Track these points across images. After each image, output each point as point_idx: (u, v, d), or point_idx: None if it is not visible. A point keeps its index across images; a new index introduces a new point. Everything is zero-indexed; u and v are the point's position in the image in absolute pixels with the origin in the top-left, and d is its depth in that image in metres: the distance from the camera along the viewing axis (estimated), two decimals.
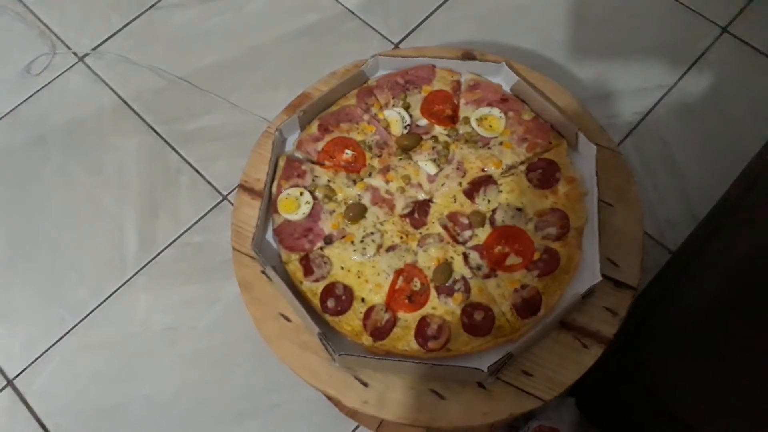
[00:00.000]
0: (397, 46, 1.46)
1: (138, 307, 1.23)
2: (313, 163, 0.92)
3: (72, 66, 1.46)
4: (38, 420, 1.14)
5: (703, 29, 1.46)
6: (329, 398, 1.07)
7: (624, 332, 0.83)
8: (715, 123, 1.36)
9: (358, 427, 1.11)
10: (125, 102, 1.42)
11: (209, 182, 1.34)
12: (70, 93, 1.43)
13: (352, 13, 1.51)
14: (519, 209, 0.86)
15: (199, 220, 1.30)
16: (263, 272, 0.84)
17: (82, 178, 1.34)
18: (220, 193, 1.32)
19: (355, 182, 0.89)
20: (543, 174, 0.89)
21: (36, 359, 1.18)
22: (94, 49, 1.48)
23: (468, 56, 0.97)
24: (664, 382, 0.88)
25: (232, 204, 1.30)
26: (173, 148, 1.37)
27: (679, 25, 1.46)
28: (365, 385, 0.78)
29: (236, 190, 0.91)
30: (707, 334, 0.83)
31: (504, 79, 0.95)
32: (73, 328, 1.21)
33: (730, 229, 0.90)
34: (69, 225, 1.30)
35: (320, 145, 0.92)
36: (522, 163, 0.90)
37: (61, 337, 1.20)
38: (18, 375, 1.17)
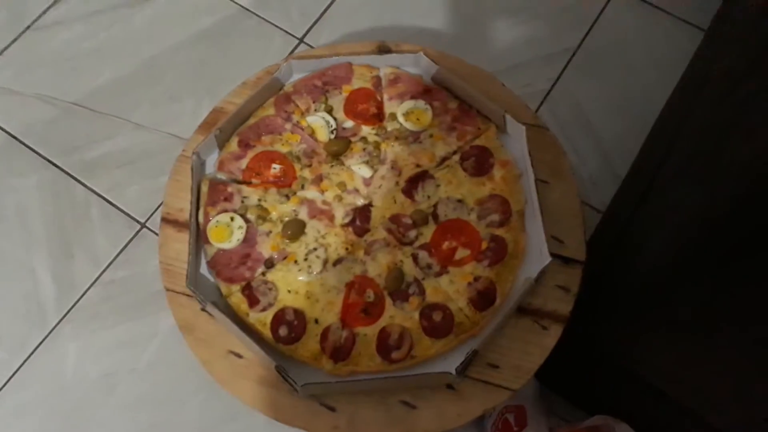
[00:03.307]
0: (302, 40, 1.40)
1: (68, 358, 1.13)
2: (239, 183, 0.86)
3: None
4: None
5: None
6: None
7: (575, 303, 0.84)
8: (622, 78, 1.40)
9: None
10: (15, 137, 1.29)
11: (123, 211, 1.24)
12: None
13: (248, 10, 1.43)
14: (459, 201, 0.85)
15: (119, 253, 1.21)
16: (204, 310, 0.79)
17: None
18: (137, 221, 1.23)
19: (288, 197, 0.85)
20: (477, 161, 0.87)
21: None
22: None
23: (383, 49, 0.94)
24: (618, 345, 0.90)
25: (152, 231, 1.22)
26: (78, 181, 1.26)
27: None
28: (333, 410, 0.75)
29: (159, 215, 0.84)
30: (650, 294, 0.85)
31: (423, 69, 0.93)
32: None
33: (659, 193, 0.92)
34: None
35: (244, 163, 0.87)
36: (455, 152, 0.88)
37: None
38: None
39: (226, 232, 0.82)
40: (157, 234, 1.06)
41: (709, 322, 0.77)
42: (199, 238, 0.82)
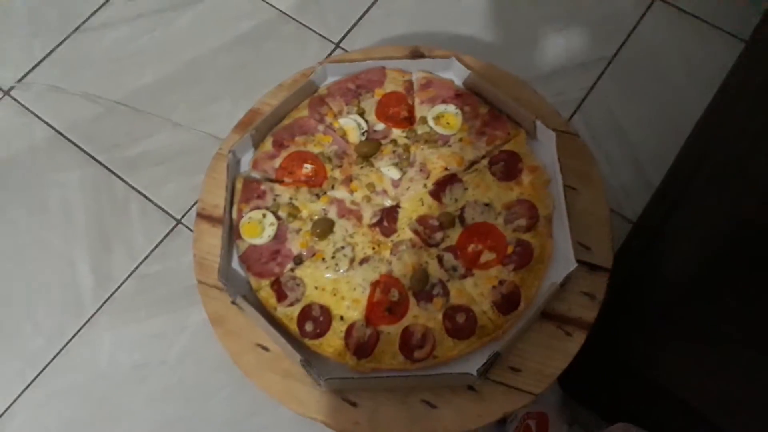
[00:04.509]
0: (338, 45, 1.42)
1: (102, 347, 1.17)
2: (272, 181, 0.89)
3: None
4: None
5: None
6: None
7: (600, 310, 0.84)
8: (657, 89, 1.38)
9: None
10: (60, 133, 1.34)
11: (161, 207, 1.28)
12: None
13: (287, 15, 1.46)
14: (487, 204, 0.86)
15: (155, 248, 1.25)
16: (234, 303, 0.81)
17: (23, 220, 1.27)
18: (173, 217, 1.27)
19: (318, 197, 0.87)
20: (505, 166, 0.88)
21: None
22: (19, 81, 1.39)
23: (416, 54, 0.95)
24: (642, 353, 0.90)
25: (187, 228, 1.25)
26: (118, 177, 1.30)
27: None
28: (354, 405, 0.76)
29: (194, 212, 0.87)
30: (678, 304, 0.84)
31: (455, 74, 0.94)
32: (35, 379, 1.15)
33: (689, 203, 0.91)
34: (15, 272, 1.22)
35: (277, 162, 0.89)
36: (483, 157, 0.89)
37: (23, 391, 1.14)
38: None
39: (258, 229, 0.84)
40: (191, 230, 1.09)
41: (737, 334, 0.76)
42: (232, 233, 0.85)
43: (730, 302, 0.76)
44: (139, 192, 1.29)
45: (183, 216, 1.27)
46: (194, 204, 1.24)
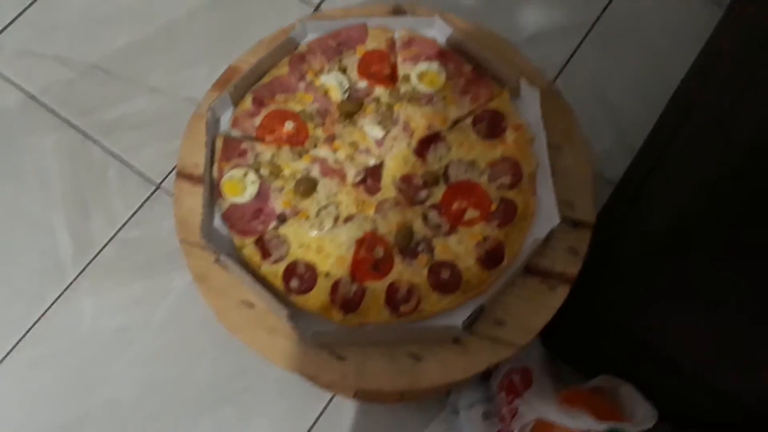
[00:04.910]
0: (317, 7, 1.40)
1: (84, 313, 1.17)
2: (253, 140, 0.87)
3: None
4: None
5: None
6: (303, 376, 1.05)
7: (583, 269, 0.85)
8: (639, 53, 1.39)
9: (334, 396, 1.10)
10: (33, 97, 1.31)
11: (139, 172, 1.27)
12: None
13: None
14: (471, 163, 0.85)
15: (134, 213, 1.23)
16: (217, 261, 0.80)
17: None
18: (152, 182, 1.26)
19: (300, 155, 0.86)
20: (489, 124, 0.88)
21: None
22: None
23: (398, 11, 0.94)
24: (623, 310, 0.91)
25: (166, 193, 1.24)
26: (95, 141, 1.28)
27: None
28: (342, 359, 0.77)
29: (174, 178, 0.86)
30: (656, 259, 0.85)
31: (438, 32, 0.93)
32: (16, 344, 1.14)
33: (671, 162, 0.92)
34: None
35: (257, 120, 0.88)
36: (467, 115, 0.89)
37: (5, 356, 1.13)
38: None
39: (239, 187, 0.83)
40: (171, 196, 1.08)
41: (714, 289, 0.78)
42: (213, 192, 0.84)
43: (705, 256, 0.77)
44: (117, 157, 1.27)
45: (162, 181, 1.26)
46: (173, 169, 1.23)
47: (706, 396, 0.87)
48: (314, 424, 1.09)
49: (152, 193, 1.25)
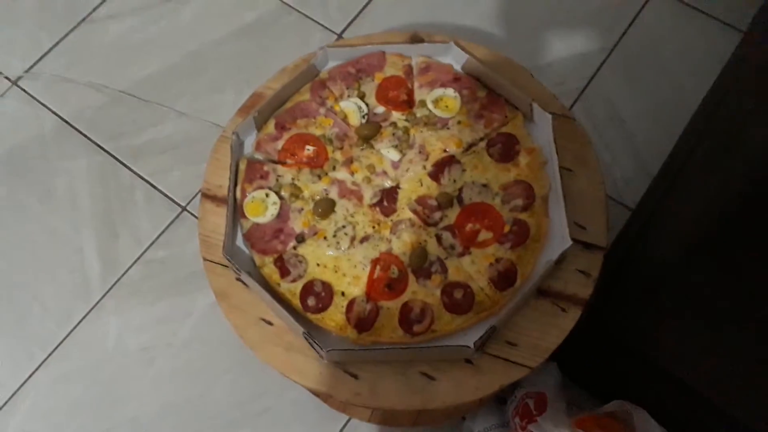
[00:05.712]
0: (340, 36, 1.45)
1: (110, 331, 1.20)
2: (275, 162, 0.91)
3: (5, 91, 1.40)
4: None
5: None
6: (318, 395, 1.07)
7: (596, 292, 0.85)
8: (657, 79, 1.40)
9: (350, 420, 1.11)
10: (67, 122, 1.37)
11: (166, 195, 1.31)
12: (7, 119, 1.38)
13: (290, 6, 1.49)
14: (484, 185, 0.87)
15: (160, 234, 1.27)
16: (238, 279, 0.83)
17: (31, 206, 1.29)
18: (178, 204, 1.30)
19: (320, 177, 0.89)
20: (503, 148, 0.90)
21: (9, 398, 1.14)
22: (27, 71, 1.42)
23: (416, 39, 0.97)
24: (638, 333, 0.91)
25: (191, 214, 1.28)
26: (124, 165, 1.33)
27: None
28: (356, 377, 0.78)
29: (199, 199, 0.89)
30: (670, 282, 0.86)
31: (454, 59, 0.96)
32: (45, 361, 1.17)
33: (683, 185, 0.93)
34: (25, 258, 1.25)
35: (279, 144, 0.91)
36: (481, 139, 0.91)
37: (33, 372, 1.16)
38: None
39: (261, 208, 0.86)
40: (196, 217, 1.11)
41: (724, 310, 0.78)
42: (236, 212, 0.87)
43: (721, 278, 0.77)
44: (145, 180, 1.32)
45: (188, 204, 1.29)
46: (198, 192, 1.27)
47: (719, 421, 0.87)
48: None
49: (177, 216, 1.28)
